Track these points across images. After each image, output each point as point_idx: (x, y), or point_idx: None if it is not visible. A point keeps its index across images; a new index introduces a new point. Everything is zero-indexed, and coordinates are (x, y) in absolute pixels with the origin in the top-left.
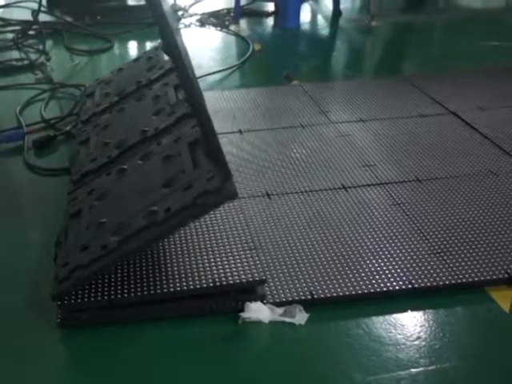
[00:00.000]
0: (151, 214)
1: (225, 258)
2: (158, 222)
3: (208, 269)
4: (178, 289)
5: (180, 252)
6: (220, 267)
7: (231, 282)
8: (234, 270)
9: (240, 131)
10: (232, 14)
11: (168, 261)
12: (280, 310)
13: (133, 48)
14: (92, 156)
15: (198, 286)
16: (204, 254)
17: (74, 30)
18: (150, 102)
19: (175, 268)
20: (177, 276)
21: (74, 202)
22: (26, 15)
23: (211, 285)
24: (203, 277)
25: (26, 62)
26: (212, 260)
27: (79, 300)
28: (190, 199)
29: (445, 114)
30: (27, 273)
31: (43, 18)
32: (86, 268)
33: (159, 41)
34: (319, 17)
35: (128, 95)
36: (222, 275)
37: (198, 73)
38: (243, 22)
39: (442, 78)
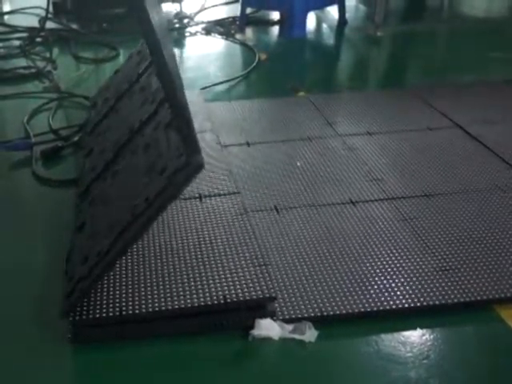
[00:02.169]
0: (135, 208)
1: (235, 274)
2: (140, 213)
3: (218, 285)
4: (189, 305)
5: (190, 268)
6: (230, 283)
7: (241, 298)
8: (245, 286)
9: (248, 143)
10: (237, 23)
11: (178, 277)
12: (290, 327)
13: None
14: (92, 165)
15: (209, 303)
16: (214, 269)
17: (80, 37)
18: (137, 96)
19: (186, 284)
20: (187, 292)
21: (80, 214)
22: (33, 21)
23: (222, 301)
24: (214, 293)
25: (32, 70)
26: (222, 276)
27: (90, 316)
28: (165, 182)
29: (451, 128)
30: (37, 287)
31: (50, 25)
32: (86, 279)
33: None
34: (325, 26)
35: (122, 95)
36: (233, 292)
37: (204, 83)
38: (249, 31)
39: (447, 90)
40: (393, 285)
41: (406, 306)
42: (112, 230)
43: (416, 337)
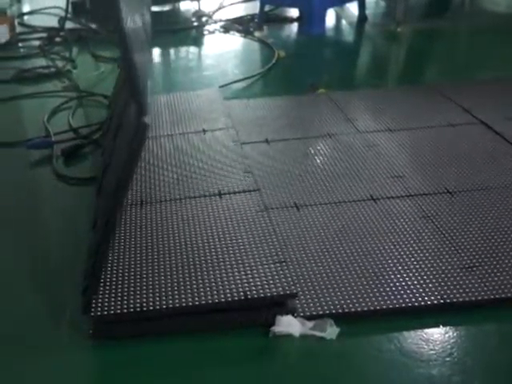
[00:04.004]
0: (114, 190)
1: (255, 271)
2: (112, 194)
3: (239, 282)
4: (210, 301)
5: (210, 264)
6: (251, 280)
7: (262, 295)
8: (265, 282)
9: (267, 141)
10: (256, 20)
11: (199, 273)
12: (310, 324)
13: (156, 54)
14: (104, 162)
15: (230, 299)
16: (234, 266)
17: (99, 37)
18: None
19: (206, 281)
20: (208, 289)
21: (96, 212)
22: (52, 22)
23: (242, 298)
24: (234, 290)
25: (52, 69)
26: (243, 273)
27: (111, 311)
28: (126, 153)
29: (474, 124)
30: (57, 285)
31: (69, 24)
32: (92, 275)
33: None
34: (344, 22)
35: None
36: (253, 288)
37: (222, 81)
38: (267, 28)
39: (469, 87)
40: (415, 282)
41: (429, 303)
42: (102, 222)
43: (439, 334)
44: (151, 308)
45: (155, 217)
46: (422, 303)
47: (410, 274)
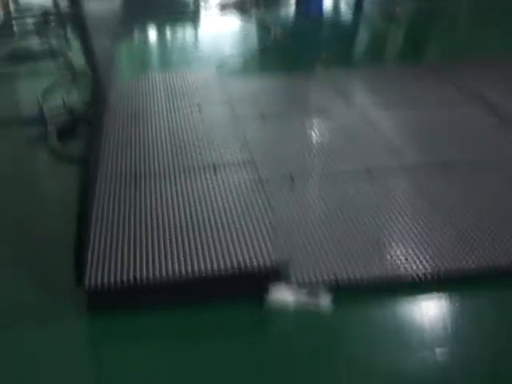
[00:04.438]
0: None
1: (249, 241)
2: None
3: (233, 251)
4: (205, 271)
5: (204, 235)
6: (245, 249)
7: (256, 264)
8: (259, 251)
9: (263, 116)
10: (254, 0)
11: (193, 244)
12: (304, 291)
13: (152, 35)
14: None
15: (224, 268)
16: (228, 236)
17: None
18: None
19: (200, 251)
20: (202, 259)
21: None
22: (47, 1)
23: (236, 267)
24: (228, 259)
25: (47, 48)
26: (237, 242)
27: (105, 282)
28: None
29: (470, 101)
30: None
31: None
32: (80, 247)
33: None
34: (342, 3)
35: None
36: (247, 257)
37: (220, 59)
38: (265, 9)
39: (467, 65)
40: (410, 251)
41: (423, 271)
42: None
43: (433, 302)
44: (145, 279)
45: (149, 189)
46: (417, 272)
47: (406, 244)
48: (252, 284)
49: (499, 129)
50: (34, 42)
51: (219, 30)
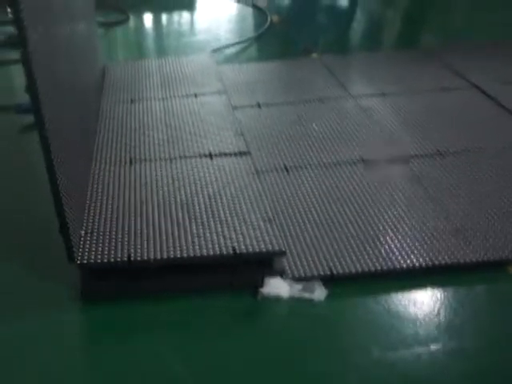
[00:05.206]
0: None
1: (244, 229)
2: None
3: (228, 238)
4: (199, 255)
5: (200, 221)
6: (240, 237)
7: (250, 250)
8: (254, 240)
9: (258, 105)
10: None
11: (187, 228)
12: (299, 286)
13: (148, 20)
14: None
15: (218, 253)
16: (224, 224)
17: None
18: None
19: (195, 235)
20: (197, 243)
21: None
22: None
23: (231, 252)
24: (223, 245)
25: None
26: (232, 230)
27: (98, 260)
28: None
29: (467, 88)
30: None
31: None
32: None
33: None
34: None
35: None
36: (242, 245)
37: (215, 45)
38: None
39: (463, 50)
40: (404, 244)
41: (417, 265)
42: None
43: (427, 295)
44: (138, 259)
45: (145, 174)
46: (411, 265)
47: (399, 236)
48: (247, 276)
49: (497, 115)
50: None
51: (214, 15)
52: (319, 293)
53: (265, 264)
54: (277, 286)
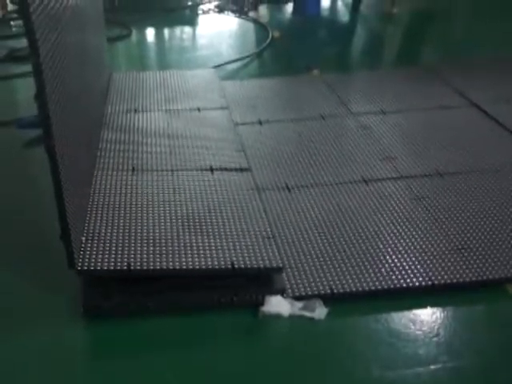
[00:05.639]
0: None
1: (243, 244)
2: None
3: (227, 252)
4: (198, 267)
5: (200, 233)
6: (239, 252)
7: (249, 266)
8: (252, 255)
9: (260, 122)
10: (251, 0)
11: (187, 240)
12: (300, 304)
13: (151, 35)
14: None
15: (217, 267)
16: (223, 238)
17: None
18: None
19: (195, 247)
20: (196, 255)
21: None
22: None
23: (229, 267)
24: (222, 258)
25: None
26: (231, 244)
27: (98, 267)
28: None
29: (466, 106)
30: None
31: None
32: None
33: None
34: (340, 3)
35: None
36: (241, 259)
37: (217, 61)
38: (262, 9)
39: (462, 68)
40: (404, 263)
41: (417, 284)
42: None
43: (426, 315)
44: (138, 267)
45: (146, 184)
46: (411, 284)
47: (399, 256)
48: (247, 294)
49: (496, 134)
50: None
51: (216, 30)
52: (320, 311)
53: (265, 282)
54: (277, 305)
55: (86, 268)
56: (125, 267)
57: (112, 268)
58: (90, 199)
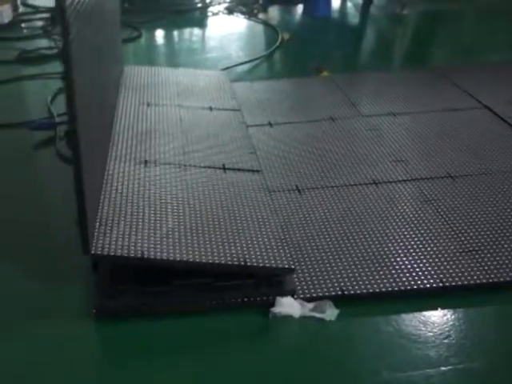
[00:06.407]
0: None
1: (256, 244)
2: None
3: (239, 249)
4: (210, 261)
5: (212, 229)
6: (251, 250)
7: (261, 264)
8: (264, 254)
9: (270, 124)
10: (260, 2)
11: (200, 234)
12: (310, 305)
13: (160, 37)
14: None
15: (230, 263)
16: (236, 235)
17: None
18: None
19: (207, 242)
20: (209, 249)
21: None
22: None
23: (242, 263)
24: (234, 255)
25: (55, 50)
26: (243, 242)
27: (112, 253)
28: None
29: (477, 108)
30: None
31: None
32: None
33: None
34: (349, 5)
35: None
36: (253, 257)
37: (226, 63)
38: (272, 10)
39: (473, 70)
40: (415, 265)
41: (428, 286)
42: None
43: (437, 317)
44: (152, 257)
45: (159, 177)
46: (421, 286)
47: (410, 258)
48: (258, 295)
49: (506, 137)
50: (43, 44)
51: (225, 32)
52: (330, 313)
53: (276, 283)
54: (288, 306)
55: (99, 253)
56: (139, 255)
57: (126, 255)
58: (102, 189)
